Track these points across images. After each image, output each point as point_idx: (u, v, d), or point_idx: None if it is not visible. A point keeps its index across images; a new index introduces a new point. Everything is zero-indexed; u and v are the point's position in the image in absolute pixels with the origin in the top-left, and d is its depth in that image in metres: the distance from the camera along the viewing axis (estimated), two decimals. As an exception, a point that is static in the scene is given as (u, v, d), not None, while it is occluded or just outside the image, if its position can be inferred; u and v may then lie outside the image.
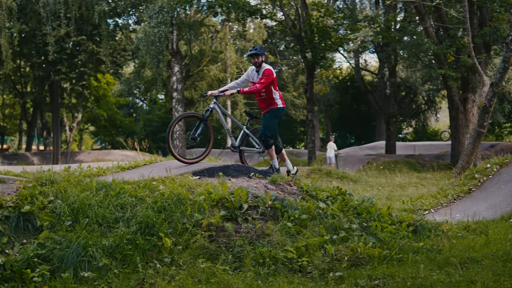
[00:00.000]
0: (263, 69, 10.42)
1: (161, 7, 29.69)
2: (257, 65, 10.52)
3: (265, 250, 7.61)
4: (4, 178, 9.04)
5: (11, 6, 37.60)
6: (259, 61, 10.46)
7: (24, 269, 6.80)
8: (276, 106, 10.61)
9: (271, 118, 10.61)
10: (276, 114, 10.67)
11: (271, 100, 10.56)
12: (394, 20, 34.24)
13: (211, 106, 10.68)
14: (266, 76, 10.30)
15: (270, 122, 10.59)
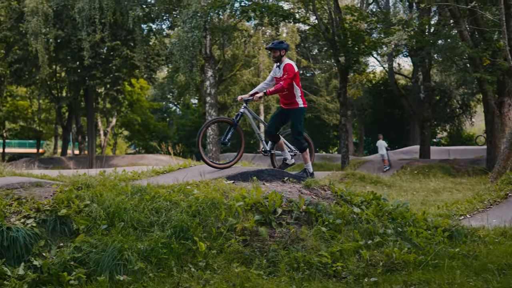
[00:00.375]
0: (283, 64, 10.35)
1: (194, 12, 29.82)
2: (276, 60, 10.50)
3: (299, 255, 7.58)
4: (41, 182, 9.14)
5: (48, 12, 38.09)
6: (277, 55, 10.39)
7: (61, 272, 6.87)
8: (297, 106, 10.48)
9: (297, 120, 10.54)
10: (300, 116, 10.59)
11: (293, 97, 10.44)
12: (428, 23, 33.98)
13: (241, 110, 10.63)
14: (288, 72, 10.21)
15: (297, 125, 10.52)
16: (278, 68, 10.49)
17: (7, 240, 7.11)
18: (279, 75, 10.44)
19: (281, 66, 10.41)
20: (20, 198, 8.17)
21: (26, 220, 7.57)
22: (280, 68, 10.44)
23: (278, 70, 10.50)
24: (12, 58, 47.23)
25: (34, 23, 37.71)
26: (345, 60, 30.05)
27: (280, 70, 10.43)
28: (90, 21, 35.15)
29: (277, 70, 10.52)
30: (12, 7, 46.22)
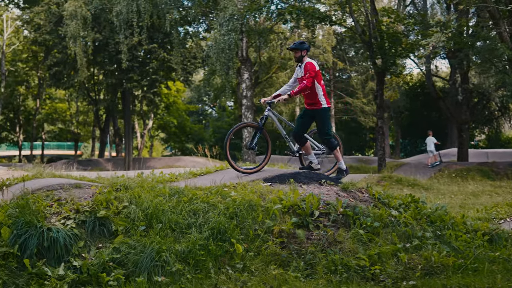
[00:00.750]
0: (304, 63, 10.36)
1: (231, 15, 29.90)
2: (297, 60, 10.51)
3: (337, 258, 7.55)
4: (80, 183, 9.25)
5: (86, 15, 38.55)
6: (298, 56, 10.40)
7: (100, 273, 6.94)
8: (320, 106, 10.43)
9: (323, 121, 10.51)
10: (325, 116, 10.54)
11: (315, 96, 10.40)
12: (467, 25, 33.59)
13: (265, 113, 10.63)
14: (309, 70, 10.21)
15: (324, 125, 10.50)
16: (300, 68, 10.52)
17: (48, 240, 7.19)
18: (300, 75, 10.47)
19: (302, 66, 10.44)
20: (60, 199, 8.27)
21: (66, 221, 7.67)
22: (301, 68, 10.46)
23: (299, 70, 10.53)
24: (51, 61, 47.87)
25: (73, 26, 38.19)
26: (382, 63, 29.85)
27: (301, 70, 10.45)
28: (128, 24, 35.46)
29: (299, 70, 10.55)
30: (51, 11, 46.89)
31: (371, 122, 55.15)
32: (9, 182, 10.53)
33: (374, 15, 29.79)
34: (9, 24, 59.78)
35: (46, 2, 48.08)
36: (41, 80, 62.00)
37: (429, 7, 44.37)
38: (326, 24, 32.10)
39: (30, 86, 66.77)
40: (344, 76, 62.26)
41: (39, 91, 63.41)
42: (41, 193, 8.52)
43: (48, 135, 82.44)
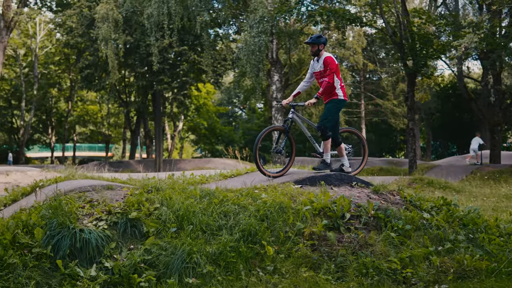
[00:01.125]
0: (323, 58, 10.28)
1: (261, 17, 29.93)
2: (314, 54, 10.42)
3: (368, 260, 7.51)
4: (112, 185, 9.31)
5: (117, 18, 38.86)
6: (315, 50, 10.33)
7: (132, 274, 6.97)
8: (337, 97, 10.36)
9: (332, 109, 10.38)
10: (338, 106, 10.44)
11: (333, 89, 10.32)
12: (500, 25, 33.23)
13: (290, 116, 10.55)
14: (329, 65, 10.17)
15: (330, 113, 10.36)
16: (317, 62, 10.43)
17: (80, 241, 7.25)
18: (318, 69, 10.39)
19: (320, 60, 10.35)
20: (92, 200, 8.34)
21: (98, 222, 7.72)
22: (319, 62, 10.38)
23: (316, 64, 10.44)
24: (83, 64, 48.36)
25: (105, 29, 38.53)
26: (413, 64, 29.63)
27: (319, 64, 10.37)
28: (159, 27, 35.67)
29: (316, 64, 10.46)
30: (83, 14, 47.37)
31: (402, 124, 54.79)
32: (42, 183, 10.64)
33: (405, 16, 29.59)
34: (42, 27, 60.55)
35: (78, 5, 48.61)
36: (73, 83, 62.70)
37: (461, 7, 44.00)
38: (357, 25, 31.97)
39: (62, 88, 67.58)
40: (374, 77, 61.99)
41: (71, 93, 64.12)
42: (74, 194, 8.59)
43: (79, 137, 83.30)
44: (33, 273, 6.82)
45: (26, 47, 64.00)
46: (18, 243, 7.19)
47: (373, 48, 57.92)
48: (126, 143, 70.36)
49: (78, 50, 52.55)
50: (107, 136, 72.76)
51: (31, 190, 10.66)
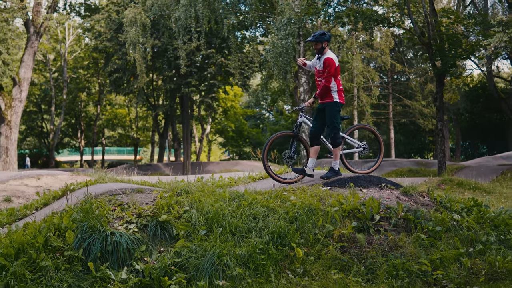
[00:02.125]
0: (324, 57, 10.13)
1: (288, 19, 29.91)
2: (317, 51, 10.24)
3: (398, 262, 7.47)
4: (142, 188, 9.39)
5: (145, 22, 39.09)
6: (319, 47, 10.15)
7: (162, 276, 7.03)
8: (331, 99, 10.13)
9: (332, 114, 10.16)
10: (336, 109, 10.19)
11: (328, 91, 10.13)
12: (529, 24, 32.82)
13: (299, 120, 10.51)
14: (328, 66, 10.01)
15: (332, 119, 10.15)
16: (319, 60, 10.29)
17: (111, 244, 7.33)
18: (318, 67, 10.26)
19: (321, 58, 10.21)
20: (122, 204, 8.42)
21: (128, 225, 7.79)
22: (320, 60, 10.24)
23: (318, 62, 10.30)
24: (112, 68, 48.73)
25: (133, 33, 38.78)
26: (442, 64, 29.38)
27: (320, 63, 10.24)
28: (186, 30, 35.83)
29: (317, 62, 10.32)
30: (111, 19, 47.75)
31: (431, 125, 54.37)
32: (73, 187, 10.77)
33: (433, 16, 29.38)
34: (71, 32, 61.13)
35: (107, 10, 49.00)
36: (102, 87, 63.22)
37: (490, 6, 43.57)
38: (384, 26, 31.81)
39: (91, 92, 68.16)
40: (402, 78, 61.59)
41: (100, 97, 64.64)
42: (104, 197, 8.68)
43: (108, 140, 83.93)
44: (65, 275, 6.91)
45: (56, 52, 64.67)
46: (50, 246, 7.28)
47: (401, 49, 57.58)
48: (155, 146, 70.67)
49: (106, 54, 52.96)
50: (136, 140, 73.21)
51: (62, 194, 10.79)
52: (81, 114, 70.16)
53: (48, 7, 41.22)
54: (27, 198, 15.04)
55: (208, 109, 59.66)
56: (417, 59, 57.84)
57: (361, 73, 48.76)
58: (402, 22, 32.46)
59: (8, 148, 37.75)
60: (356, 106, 50.54)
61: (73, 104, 67.13)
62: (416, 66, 58.11)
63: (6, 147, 37.73)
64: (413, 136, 66.71)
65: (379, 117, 57.78)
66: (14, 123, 38.07)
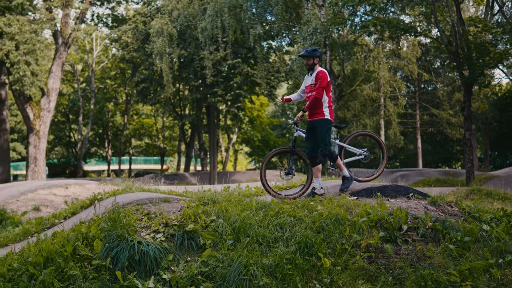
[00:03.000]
0: (316, 72, 10.09)
1: (314, 29, 29.92)
2: (308, 67, 10.23)
3: (426, 273, 7.40)
4: (169, 197, 9.43)
5: (172, 32, 39.34)
6: (310, 63, 10.14)
7: (189, 286, 7.04)
8: (323, 116, 10.07)
9: (324, 132, 10.06)
10: (327, 126, 10.11)
11: (320, 106, 10.07)
12: (558, 32, 32.49)
13: (295, 135, 10.46)
14: (320, 79, 9.95)
15: (324, 137, 10.04)
16: (310, 76, 10.25)
17: (138, 254, 7.36)
18: (309, 82, 10.23)
19: (313, 74, 10.17)
20: (149, 213, 8.45)
21: (156, 235, 7.82)
22: (311, 76, 10.20)
23: (309, 78, 10.26)
24: (138, 78, 49.09)
25: (159, 43, 39.04)
26: (469, 73, 29.18)
27: (311, 78, 10.19)
28: (213, 40, 36.00)
29: (308, 78, 10.29)
30: (138, 29, 48.14)
31: (458, 134, 53.97)
32: (101, 196, 10.84)
33: (460, 25, 29.21)
34: (99, 43, 61.68)
35: (134, 21, 49.41)
36: (129, 97, 63.65)
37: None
38: (411, 35, 31.71)
39: (118, 102, 68.66)
40: (429, 87, 61.25)
41: (127, 107, 65.09)
42: (131, 207, 8.73)
43: (135, 150, 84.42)
44: (93, 284, 6.95)
45: (83, 62, 65.29)
46: (78, 255, 7.33)
47: (428, 58, 57.27)
48: (181, 155, 70.94)
49: (133, 65, 53.37)
50: (162, 149, 73.50)
51: (90, 203, 10.87)
52: (108, 124, 70.69)
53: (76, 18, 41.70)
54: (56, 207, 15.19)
55: (234, 118, 59.78)
56: (445, 68, 57.48)
57: (388, 82, 48.60)
58: (429, 31, 32.32)
59: (36, 157, 38.15)
60: (383, 115, 50.34)
61: (100, 114, 67.66)
62: (443, 75, 57.78)
63: (35, 157, 38.12)
64: (441, 146, 66.26)
65: (406, 127, 57.48)
66: (43, 133, 38.48)
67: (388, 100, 49.69)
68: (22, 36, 36.10)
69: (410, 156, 65.80)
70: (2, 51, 35.50)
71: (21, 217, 14.15)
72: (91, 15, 54.32)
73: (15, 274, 6.99)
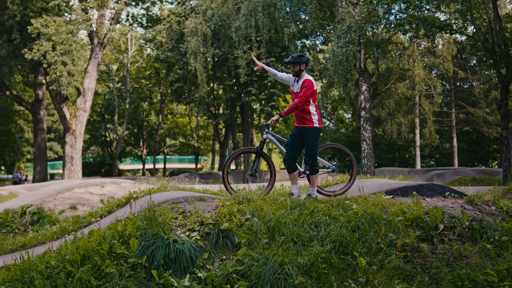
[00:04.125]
0: (302, 79, 9.89)
1: (349, 27, 29.74)
2: (294, 74, 10.02)
3: (463, 273, 7.33)
4: (204, 196, 9.45)
5: (206, 32, 39.46)
6: (296, 70, 9.94)
7: (224, 284, 7.05)
8: (312, 125, 9.86)
9: (312, 141, 9.89)
10: (316, 135, 9.98)
11: (307, 114, 9.87)
12: None
13: (264, 136, 10.29)
14: (306, 88, 9.73)
15: (312, 145, 9.87)
16: (296, 82, 10.05)
17: (174, 252, 7.39)
18: (296, 90, 9.99)
19: (299, 80, 9.97)
20: (184, 211, 8.49)
21: (191, 233, 7.85)
22: (298, 83, 9.99)
23: (296, 84, 10.05)
24: (173, 78, 49.36)
25: (194, 43, 39.17)
26: (507, 71, 28.78)
27: (297, 85, 9.97)
28: (246, 39, 35.99)
29: (295, 84, 10.08)
30: (173, 29, 48.41)
31: (495, 133, 53.22)
32: (136, 195, 10.92)
33: (497, 22, 28.83)
34: (133, 43, 62.17)
35: (168, 21, 49.70)
36: (163, 96, 64.03)
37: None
38: (447, 32, 31.39)
39: (153, 102, 69.10)
40: (465, 85, 60.56)
41: (161, 106, 65.47)
42: (167, 205, 8.77)
43: (169, 149, 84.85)
44: (129, 282, 7.00)
45: (119, 62, 65.85)
46: (115, 253, 7.39)
47: (464, 56, 56.63)
48: (215, 154, 71.15)
49: (168, 64, 53.68)
50: (197, 148, 73.77)
51: (125, 202, 10.96)
52: (143, 123, 71.18)
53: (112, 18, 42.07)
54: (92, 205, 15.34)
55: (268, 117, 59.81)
56: (481, 66, 56.75)
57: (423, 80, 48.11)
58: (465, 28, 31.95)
59: (73, 156, 38.59)
60: (418, 114, 49.90)
61: (135, 114, 68.15)
62: (479, 73, 57.06)
63: (71, 156, 38.57)
64: (477, 144, 65.45)
65: (442, 125, 56.92)
66: (79, 132, 38.90)
67: (423, 98, 49.22)
68: (59, 37, 36.54)
69: (446, 155, 65.15)
70: (40, 52, 35.98)
71: (58, 216, 14.32)
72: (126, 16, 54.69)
73: (52, 272, 7.07)
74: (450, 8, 32.34)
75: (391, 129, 50.44)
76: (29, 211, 14.44)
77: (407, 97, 48.65)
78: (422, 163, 66.49)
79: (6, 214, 14.44)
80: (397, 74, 43.83)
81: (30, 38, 37.55)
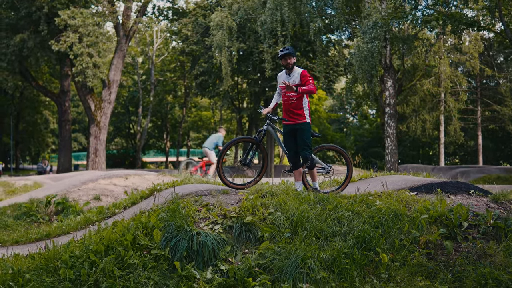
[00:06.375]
0: (299, 71, 9.78)
1: (375, 23, 29.58)
2: (289, 67, 9.84)
3: (487, 271, 7.28)
4: (227, 189, 9.48)
5: (231, 26, 39.47)
6: (292, 62, 9.80)
7: (246, 277, 7.07)
8: (304, 119, 9.76)
9: (306, 136, 9.76)
10: (309, 130, 9.84)
11: (300, 108, 9.78)
12: None
13: (264, 127, 10.08)
14: (308, 77, 9.63)
15: (306, 141, 9.75)
16: (289, 75, 9.90)
17: (196, 244, 7.43)
18: (292, 82, 9.79)
19: (293, 73, 9.84)
20: (208, 204, 8.52)
21: (214, 226, 7.88)
22: (291, 76, 9.84)
23: (288, 77, 9.90)
24: (198, 71, 49.44)
25: (219, 36, 39.21)
26: (534, 68, 28.51)
27: (292, 78, 9.81)
28: (272, 34, 35.94)
29: (287, 78, 9.91)
30: (198, 22, 48.47)
31: (521, 131, 52.77)
32: (160, 187, 10.98)
33: (525, 19, 28.53)
34: (159, 36, 62.37)
35: (194, 14, 49.79)
36: (188, 89, 64.19)
37: None
38: (474, 29, 31.12)
39: (177, 95, 69.31)
40: (492, 83, 60.03)
41: (186, 99, 65.65)
42: (190, 198, 8.81)
43: (193, 142, 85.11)
44: (152, 273, 7.04)
45: (144, 55, 66.13)
46: (138, 244, 7.44)
47: (491, 53, 56.13)
48: (238, 148, 71.28)
49: (193, 58, 53.77)
50: (220, 142, 73.92)
51: (149, 193, 11.03)
52: (167, 116, 71.44)
53: (138, 11, 42.23)
54: (116, 197, 15.44)
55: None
56: (508, 63, 56.24)
57: (449, 77, 47.81)
58: (493, 25, 31.66)
59: (97, 148, 38.85)
60: (443, 111, 49.58)
61: (159, 106, 68.43)
62: (506, 70, 56.54)
63: (95, 147, 38.83)
64: (502, 143, 64.95)
65: (467, 123, 56.48)
66: (103, 124, 39.15)
67: (449, 95, 48.90)
68: (85, 29, 36.79)
69: (470, 152, 64.70)
70: (66, 43, 36.25)
71: (83, 206, 14.44)
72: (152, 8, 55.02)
73: (76, 261, 7.13)
74: (478, 5, 32.05)
75: (416, 126, 50.20)
76: (54, 201, 14.56)
77: (432, 94, 48.37)
78: (446, 161, 66.12)
79: (31, 203, 14.58)
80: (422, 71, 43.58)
81: (57, 29, 37.84)
